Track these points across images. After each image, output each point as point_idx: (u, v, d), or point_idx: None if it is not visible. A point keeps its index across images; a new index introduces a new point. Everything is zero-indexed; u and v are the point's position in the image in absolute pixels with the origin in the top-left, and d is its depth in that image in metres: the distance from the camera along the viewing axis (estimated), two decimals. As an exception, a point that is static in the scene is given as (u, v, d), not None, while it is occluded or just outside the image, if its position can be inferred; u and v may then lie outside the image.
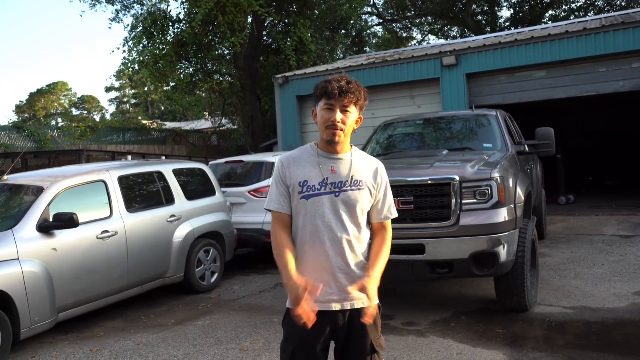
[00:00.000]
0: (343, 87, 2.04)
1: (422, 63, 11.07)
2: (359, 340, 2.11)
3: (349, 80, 2.08)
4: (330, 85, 2.06)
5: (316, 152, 2.15)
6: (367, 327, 2.10)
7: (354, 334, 2.11)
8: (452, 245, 4.33)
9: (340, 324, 2.10)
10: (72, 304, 4.78)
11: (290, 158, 2.18)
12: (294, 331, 2.10)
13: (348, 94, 2.04)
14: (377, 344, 2.14)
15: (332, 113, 2.06)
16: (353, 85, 2.07)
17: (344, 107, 2.06)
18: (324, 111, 2.08)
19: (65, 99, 54.65)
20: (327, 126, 2.06)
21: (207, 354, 4.22)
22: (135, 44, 15.21)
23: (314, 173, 2.11)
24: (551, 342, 4.06)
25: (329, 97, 2.05)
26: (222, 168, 8.00)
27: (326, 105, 2.07)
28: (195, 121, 29.75)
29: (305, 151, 2.19)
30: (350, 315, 2.10)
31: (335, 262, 2.08)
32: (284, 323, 2.19)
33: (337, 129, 2.05)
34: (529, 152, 6.07)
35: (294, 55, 14.91)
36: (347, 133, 2.10)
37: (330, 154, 2.13)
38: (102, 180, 5.34)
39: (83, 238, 4.91)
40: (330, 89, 2.04)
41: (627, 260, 6.47)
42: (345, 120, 2.07)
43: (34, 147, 15.16)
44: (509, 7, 24.31)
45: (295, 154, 2.21)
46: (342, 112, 2.06)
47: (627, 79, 9.47)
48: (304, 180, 2.11)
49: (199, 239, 6.19)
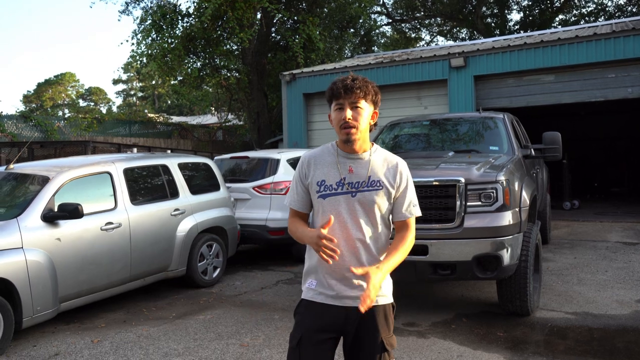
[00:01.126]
0: (348, 85, 2.04)
1: (430, 64, 11.04)
2: (369, 338, 2.10)
3: (354, 77, 2.07)
4: (335, 85, 2.07)
5: (336, 151, 2.15)
6: (378, 325, 2.09)
7: (364, 330, 2.10)
8: (455, 247, 4.32)
9: (351, 320, 2.09)
10: (75, 294, 4.80)
11: (311, 157, 2.19)
12: (303, 320, 2.13)
13: (355, 90, 2.04)
14: (388, 342, 2.12)
15: (342, 112, 2.06)
16: (359, 81, 2.06)
17: (353, 103, 2.05)
18: (335, 112, 2.09)
19: (73, 90, 54.88)
20: (340, 126, 2.07)
21: (207, 348, 4.23)
22: (144, 37, 15.25)
23: (332, 172, 2.12)
24: (552, 347, 4.05)
25: (336, 97, 2.06)
26: (227, 163, 8.01)
27: (336, 106, 2.08)
28: (201, 116, 29.81)
29: (326, 150, 2.20)
30: (361, 313, 2.07)
31: (350, 261, 2.08)
32: (295, 312, 2.21)
33: (350, 127, 2.05)
34: (535, 156, 6.04)
35: (301, 53, 14.90)
36: (362, 129, 2.08)
37: (348, 154, 2.13)
38: (107, 172, 5.36)
39: (87, 229, 4.92)
40: (336, 89, 2.05)
41: (630, 267, 6.44)
42: (356, 117, 2.05)
43: (40, 137, 15.23)
44: (518, 10, 24.25)
45: (316, 152, 2.21)
46: (352, 110, 2.05)
47: (636, 85, 9.43)
48: (322, 179, 2.12)
49: (202, 233, 6.21)
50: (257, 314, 5.11)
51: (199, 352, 4.17)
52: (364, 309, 1.93)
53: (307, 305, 2.15)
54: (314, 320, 2.10)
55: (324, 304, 2.11)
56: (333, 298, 2.10)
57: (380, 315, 2.11)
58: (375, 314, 2.09)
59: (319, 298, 2.12)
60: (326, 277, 2.11)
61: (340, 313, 2.10)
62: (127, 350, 4.26)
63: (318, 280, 2.14)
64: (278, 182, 7.16)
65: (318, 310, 2.12)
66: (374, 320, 2.09)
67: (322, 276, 2.12)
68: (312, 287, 2.15)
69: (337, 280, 2.10)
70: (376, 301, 2.08)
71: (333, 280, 2.10)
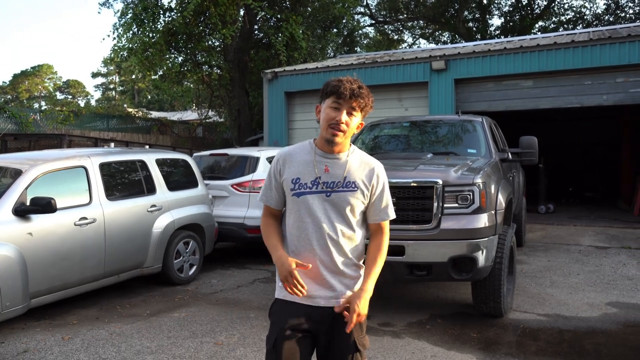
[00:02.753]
0: (355, 90, 2.04)
1: (411, 66, 11.12)
2: (341, 338, 2.09)
3: (360, 85, 2.07)
4: (343, 85, 2.04)
5: (313, 149, 2.14)
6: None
7: (337, 331, 2.10)
8: (431, 248, 4.35)
9: (324, 319, 2.09)
10: (46, 290, 4.70)
11: (287, 153, 2.18)
12: (277, 320, 2.12)
13: (358, 98, 2.04)
14: (360, 342, 2.13)
15: (338, 112, 2.05)
16: (364, 90, 2.07)
17: (351, 109, 2.06)
18: (329, 109, 2.07)
19: (50, 82, 53.78)
20: (330, 124, 2.05)
21: (181, 347, 4.19)
22: (125, 31, 15.01)
23: (308, 171, 2.10)
24: (524, 348, 4.11)
25: (339, 96, 2.04)
26: (206, 160, 7.94)
27: (334, 104, 2.06)
28: (182, 112, 29.51)
29: (302, 148, 2.18)
30: (334, 313, 2.09)
31: (323, 260, 2.08)
32: (270, 313, 2.20)
33: (339, 129, 2.04)
34: (512, 159, 6.13)
35: (284, 51, 14.85)
36: (348, 135, 2.09)
37: (326, 153, 2.12)
38: (82, 166, 5.26)
39: (60, 224, 4.83)
40: (342, 89, 2.04)
41: (601, 270, 6.58)
42: (349, 123, 2.06)
43: (14, 129, 14.88)
44: (499, 15, 24.58)
45: (292, 149, 2.20)
46: (347, 114, 2.06)
47: (611, 93, 9.63)
48: (296, 177, 2.11)
49: (179, 230, 6.14)
50: (233, 313, 5.08)
51: (172, 350, 4.12)
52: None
53: (281, 304, 2.15)
54: (288, 319, 2.10)
55: (298, 303, 2.10)
56: (306, 297, 2.08)
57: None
58: (346, 325, 2.07)
59: (292, 297, 2.10)
60: (301, 276, 2.08)
61: (314, 312, 2.09)
62: (99, 347, 4.19)
63: None
64: (257, 180, 7.13)
65: (292, 309, 2.11)
66: (346, 321, 2.07)
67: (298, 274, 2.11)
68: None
69: (310, 280, 2.09)
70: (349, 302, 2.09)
71: (307, 279, 2.09)
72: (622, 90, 9.54)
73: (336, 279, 2.10)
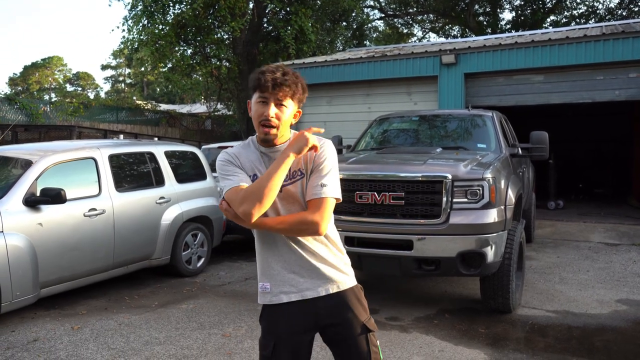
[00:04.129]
0: (277, 79, 1.86)
1: (421, 60, 11.03)
2: (349, 324, 1.98)
3: (285, 72, 1.90)
4: (264, 77, 1.87)
5: (257, 147, 2.01)
6: (354, 309, 1.99)
7: (342, 318, 1.98)
8: (440, 243, 4.33)
9: (322, 311, 1.97)
10: (55, 280, 4.74)
11: (236, 152, 2.02)
12: (273, 325, 2.00)
13: (283, 87, 1.87)
14: (369, 324, 2.01)
15: (265, 107, 1.89)
16: (289, 77, 1.89)
17: (278, 100, 1.89)
18: (256, 105, 1.91)
19: (60, 74, 54.08)
20: (259, 121, 1.91)
21: (189, 338, 4.21)
22: (135, 23, 15.05)
23: (261, 167, 1.97)
24: (532, 344, 4.09)
25: (262, 89, 1.88)
26: (214, 153, 7.96)
27: (259, 99, 1.90)
28: (190, 104, 29.55)
29: (246, 146, 2.04)
30: (332, 301, 1.98)
31: (301, 252, 1.95)
32: (261, 319, 2.06)
33: (271, 125, 1.90)
34: (522, 155, 6.08)
35: (293, 44, 14.81)
36: (282, 128, 1.94)
37: (268, 148, 1.98)
38: (92, 158, 5.29)
39: (70, 214, 4.86)
40: (263, 81, 1.86)
41: (611, 267, 6.53)
42: (279, 116, 1.91)
43: (25, 120, 14.98)
44: (511, 9, 24.32)
45: (237, 149, 2.04)
46: (276, 106, 1.90)
47: (623, 88, 9.51)
48: (254, 173, 1.97)
49: (187, 222, 6.16)
50: (240, 305, 5.09)
51: (180, 341, 4.15)
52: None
53: (271, 310, 2.01)
54: (285, 324, 1.97)
55: (288, 303, 1.97)
56: (294, 293, 1.96)
57: (351, 298, 2.01)
58: (346, 299, 1.99)
59: (280, 298, 1.98)
60: (282, 274, 1.97)
61: (307, 310, 1.97)
62: (108, 337, 4.22)
63: (272, 280, 1.99)
64: (265, 173, 7.12)
65: (286, 312, 1.98)
66: (348, 305, 1.98)
67: (277, 273, 1.98)
68: (267, 290, 2.00)
69: (294, 273, 1.96)
70: (342, 285, 1.99)
71: (290, 274, 1.97)
72: (635, 85, 9.41)
73: (321, 265, 1.97)
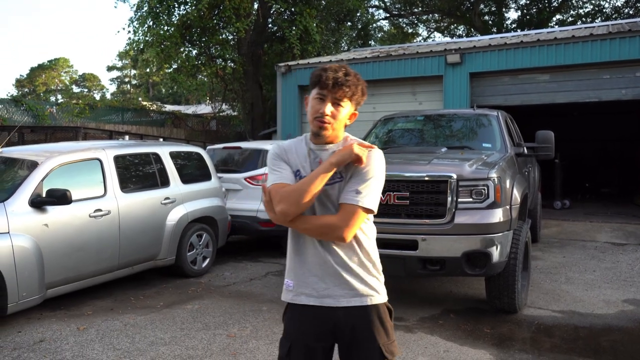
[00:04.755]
0: (338, 79, 1.87)
1: (426, 59, 11.01)
2: (365, 344, 1.91)
3: (347, 72, 1.90)
4: (325, 74, 1.88)
5: (307, 142, 2.01)
6: (373, 329, 1.92)
7: (359, 335, 1.91)
8: (445, 243, 4.32)
9: (340, 322, 1.92)
10: (61, 280, 4.76)
11: (285, 146, 2.05)
12: (292, 327, 1.99)
13: (343, 87, 1.87)
14: (388, 349, 1.93)
15: (322, 104, 1.90)
16: (351, 78, 1.89)
17: (336, 99, 1.89)
18: (314, 100, 1.92)
19: (66, 76, 54.39)
20: (315, 117, 1.91)
21: (194, 338, 4.22)
22: (140, 24, 15.09)
23: (306, 163, 1.97)
24: (538, 344, 4.07)
25: (322, 86, 1.89)
26: (219, 153, 7.96)
27: (318, 95, 1.91)
28: (196, 105, 29.63)
29: (297, 141, 2.06)
30: (352, 316, 1.92)
31: (328, 258, 1.92)
32: (283, 317, 2.05)
33: (324, 122, 1.89)
34: (528, 154, 6.05)
35: (298, 44, 14.81)
36: (337, 127, 1.93)
37: (319, 146, 1.98)
38: (97, 159, 5.30)
39: (75, 215, 4.87)
40: (324, 79, 1.87)
41: (618, 267, 6.48)
42: (335, 114, 1.90)
43: (31, 121, 15.05)
44: (516, 8, 24.26)
45: (288, 143, 2.07)
46: (333, 105, 1.90)
47: (630, 87, 9.45)
48: (297, 169, 1.98)
49: (192, 222, 6.17)
50: (245, 305, 5.09)
51: (185, 341, 4.15)
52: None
53: (292, 309, 2.00)
54: (300, 326, 1.96)
55: (307, 305, 1.95)
56: (314, 298, 1.94)
57: (373, 316, 1.94)
58: (367, 315, 1.93)
59: (300, 299, 1.96)
60: (306, 275, 1.95)
61: (326, 318, 1.93)
62: (113, 338, 4.23)
63: (296, 279, 1.97)
64: (270, 174, 7.12)
65: (303, 315, 1.96)
66: (368, 324, 1.92)
67: (302, 273, 1.96)
68: (290, 287, 1.99)
69: (318, 278, 1.93)
70: (365, 300, 1.93)
71: (313, 277, 1.94)
72: (641, 84, 9.35)
73: (347, 276, 1.92)
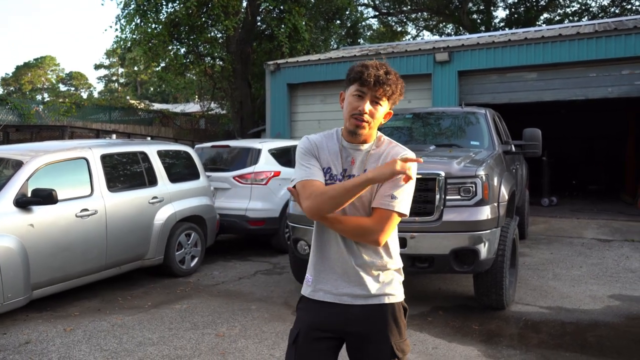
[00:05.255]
0: (380, 77, 1.83)
1: (414, 58, 11.05)
2: (376, 341, 1.92)
3: (387, 70, 1.86)
4: (367, 71, 1.84)
5: (340, 139, 1.97)
6: (387, 327, 1.93)
7: (371, 333, 1.93)
8: (433, 240, 4.33)
9: (352, 320, 1.93)
10: (47, 281, 4.70)
11: (317, 140, 2.00)
12: (301, 316, 2.01)
13: (384, 86, 1.84)
14: (399, 347, 1.93)
15: (361, 101, 1.86)
16: (392, 77, 1.86)
17: (375, 98, 1.86)
18: (352, 97, 1.88)
19: (53, 74, 53.82)
20: (352, 114, 1.87)
21: (183, 338, 4.19)
22: (127, 22, 14.96)
23: (337, 162, 1.94)
24: (525, 340, 4.10)
25: (362, 83, 1.84)
26: (207, 152, 7.92)
27: (357, 92, 1.87)
28: (184, 104, 29.48)
29: (329, 136, 2.01)
30: (366, 312, 1.93)
31: (349, 256, 1.92)
32: (297, 306, 2.07)
33: (363, 120, 1.86)
34: (515, 152, 6.09)
35: (287, 43, 14.77)
36: (373, 126, 1.90)
37: (352, 144, 1.95)
38: (84, 158, 5.25)
39: (61, 215, 4.82)
40: (366, 76, 1.83)
41: (604, 263, 6.56)
42: (373, 113, 1.87)
43: (16, 120, 14.88)
44: (504, 7, 24.36)
45: (320, 137, 2.02)
46: (371, 103, 1.86)
47: (616, 85, 9.55)
48: (327, 166, 1.95)
49: (181, 222, 6.13)
50: (234, 304, 5.08)
51: (173, 341, 4.13)
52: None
53: (306, 301, 2.02)
54: (311, 317, 1.97)
55: (322, 301, 1.96)
56: (332, 295, 1.95)
57: (388, 315, 1.94)
58: (382, 314, 1.93)
59: (318, 295, 1.97)
60: (326, 272, 1.96)
61: (339, 312, 1.94)
62: (100, 339, 4.19)
63: (316, 274, 1.99)
64: (259, 172, 7.11)
65: (316, 307, 1.97)
66: (382, 321, 1.92)
67: (322, 270, 1.97)
68: (309, 282, 2.01)
69: (338, 275, 1.94)
70: (383, 299, 1.94)
71: (333, 275, 1.95)
72: (627, 82, 9.46)
73: (367, 276, 1.93)
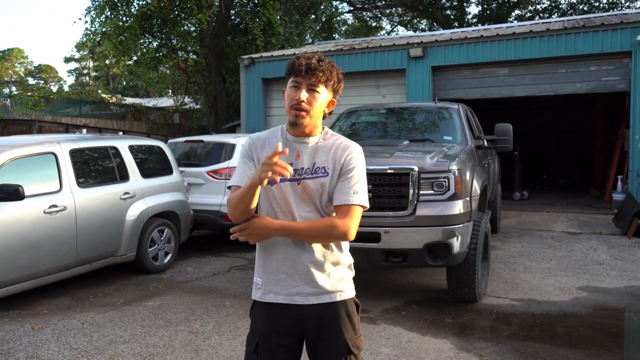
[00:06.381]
0: (312, 64, 1.86)
1: (389, 53, 11.10)
2: (331, 338, 1.92)
3: (320, 59, 1.90)
4: (298, 61, 1.88)
5: (284, 134, 1.98)
6: (340, 324, 1.93)
7: (326, 330, 1.93)
8: (407, 235, 4.36)
9: (307, 319, 1.93)
10: (14, 279, 4.58)
11: (260, 138, 2.01)
12: (259, 323, 1.98)
13: (316, 71, 1.86)
14: (354, 344, 1.94)
15: (297, 91, 1.88)
16: (324, 64, 1.89)
17: (311, 86, 1.88)
18: (290, 89, 1.90)
19: (21, 67, 52.29)
20: (291, 105, 1.89)
21: (155, 335, 4.13)
22: (97, 14, 14.63)
23: (281, 157, 1.92)
24: (497, 332, 4.17)
25: (296, 74, 1.88)
26: (181, 147, 7.82)
27: (292, 83, 1.90)
28: (157, 98, 29.03)
29: (274, 133, 2.01)
30: (319, 311, 1.93)
31: (299, 254, 1.91)
32: (250, 313, 2.04)
33: (301, 109, 1.87)
34: (488, 147, 6.17)
35: (261, 36, 14.67)
36: (314, 116, 1.90)
37: (297, 137, 1.95)
38: (52, 152, 5.12)
39: (29, 211, 4.69)
40: (297, 65, 1.87)
41: (573, 256, 6.72)
42: (311, 101, 1.88)
43: (-18, 114, 14.43)
44: (477, 3, 24.65)
45: (265, 135, 2.02)
46: (308, 92, 1.88)
47: (584, 81, 9.78)
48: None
49: (153, 218, 6.04)
50: (208, 301, 5.03)
51: (145, 339, 4.07)
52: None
53: (259, 306, 1.99)
54: (267, 323, 1.95)
55: (274, 303, 1.94)
56: (283, 295, 1.93)
57: (341, 312, 1.94)
58: (335, 311, 1.93)
59: (268, 297, 1.95)
60: (275, 272, 1.94)
61: (292, 314, 1.93)
62: (70, 337, 4.10)
63: (265, 276, 1.97)
64: (233, 167, 7.05)
65: (270, 311, 1.95)
66: (335, 319, 1.93)
67: (271, 271, 1.95)
68: (258, 285, 1.98)
69: (287, 275, 1.93)
70: (335, 296, 1.94)
71: (282, 274, 1.93)
72: (595, 78, 9.70)
73: (318, 272, 1.92)
